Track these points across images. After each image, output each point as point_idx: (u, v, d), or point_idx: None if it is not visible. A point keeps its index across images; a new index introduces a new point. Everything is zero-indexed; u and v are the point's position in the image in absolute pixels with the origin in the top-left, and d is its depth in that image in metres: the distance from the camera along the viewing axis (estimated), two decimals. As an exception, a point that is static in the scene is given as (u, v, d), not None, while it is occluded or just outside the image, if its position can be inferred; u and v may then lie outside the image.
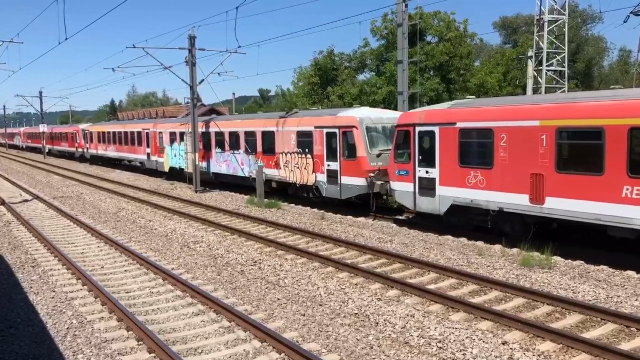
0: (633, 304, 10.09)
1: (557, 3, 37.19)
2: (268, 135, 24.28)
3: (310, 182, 21.72)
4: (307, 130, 21.84)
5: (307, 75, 48.08)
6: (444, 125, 15.88)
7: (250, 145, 25.57)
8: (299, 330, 9.39)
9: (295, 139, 22.43)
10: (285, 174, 23.21)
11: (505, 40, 64.15)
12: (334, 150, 20.63)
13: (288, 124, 23.09)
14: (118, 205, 24.06)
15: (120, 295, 11.43)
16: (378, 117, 20.55)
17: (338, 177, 20.40)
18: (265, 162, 24.27)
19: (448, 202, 15.96)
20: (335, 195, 20.70)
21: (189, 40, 27.85)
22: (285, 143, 23.08)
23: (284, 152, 23.16)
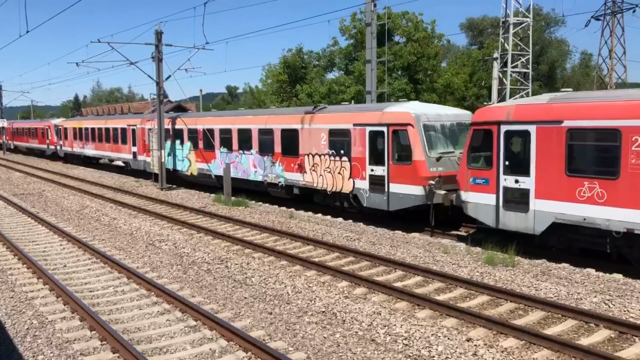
0: (592, 301, 10.37)
1: (522, 6, 37.93)
2: (289, 133, 21.02)
3: (346, 190, 18.59)
4: (342, 129, 18.72)
5: (276, 73, 47.92)
6: (544, 123, 12.93)
7: (266, 145, 22.30)
8: (266, 328, 9.36)
9: (327, 138, 19.30)
10: (312, 180, 20.01)
11: (472, 41, 65.11)
12: (379, 153, 17.49)
13: (317, 120, 19.88)
14: (82, 202, 23.57)
15: (84, 295, 11.20)
16: (435, 114, 17.54)
17: (385, 185, 17.16)
18: (284, 165, 21.24)
19: (547, 219, 12.96)
20: (381, 206, 17.48)
21: (156, 36, 27.48)
22: (312, 143, 19.90)
23: (311, 154, 19.99)
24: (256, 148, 22.78)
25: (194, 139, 26.98)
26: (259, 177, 22.67)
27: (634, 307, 9.95)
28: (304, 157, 20.34)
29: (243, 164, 23.70)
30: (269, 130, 22.14)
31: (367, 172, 17.85)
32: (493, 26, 55.91)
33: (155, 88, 28.14)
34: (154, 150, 29.41)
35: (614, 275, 12.00)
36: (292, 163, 20.87)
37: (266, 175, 22.26)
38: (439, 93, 41.94)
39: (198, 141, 26.62)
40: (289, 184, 21.19)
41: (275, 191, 22.16)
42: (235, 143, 24.07)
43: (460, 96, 44.18)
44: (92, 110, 62.33)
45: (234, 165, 24.00)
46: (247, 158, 23.35)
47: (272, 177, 21.87)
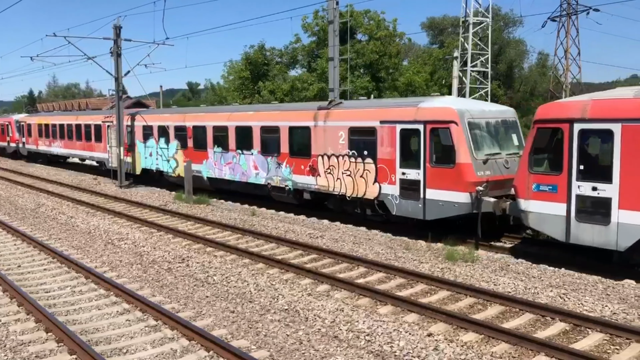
0: (549, 295, 10.65)
1: (481, 6, 38.61)
2: (300, 131, 19.03)
3: (370, 195, 16.57)
4: (366, 127, 16.63)
5: (238, 69, 47.54)
6: (633, 121, 11.21)
7: (270, 144, 20.16)
8: (228, 327, 9.29)
9: (347, 137, 17.21)
10: (327, 183, 17.93)
11: (433, 40, 65.91)
12: (413, 154, 15.63)
13: (333, 117, 17.80)
14: (37, 201, 22.92)
15: (39, 296, 10.90)
16: (480, 110, 15.63)
17: (420, 190, 15.15)
18: (292, 167, 19.15)
19: (635, 233, 11.28)
20: (414, 215, 15.47)
21: (114, 30, 26.90)
22: (328, 142, 17.85)
23: (326, 155, 17.91)
24: (258, 148, 20.61)
25: (181, 137, 24.74)
26: (261, 179, 20.55)
27: (587, 300, 10.27)
28: (317, 158, 18.24)
29: (242, 166, 21.45)
30: (274, 128, 19.93)
31: (397, 176, 15.80)
32: (453, 26, 56.74)
33: (114, 84, 27.55)
34: (112, 147, 28.77)
35: (569, 270, 12.35)
36: (303, 165, 18.79)
37: (270, 178, 20.12)
38: (401, 91, 42.34)
39: (187, 140, 24.36)
40: (298, 188, 19.13)
41: (280, 196, 20.13)
42: (233, 142, 21.88)
43: (422, 94, 44.73)
44: (48, 106, 60.67)
45: (230, 166, 22.00)
46: (247, 159, 21.13)
47: (278, 180, 19.80)
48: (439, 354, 8.12)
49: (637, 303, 10.22)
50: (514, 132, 15.92)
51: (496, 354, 8.19)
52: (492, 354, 8.16)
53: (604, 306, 9.94)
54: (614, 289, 10.98)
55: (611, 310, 9.75)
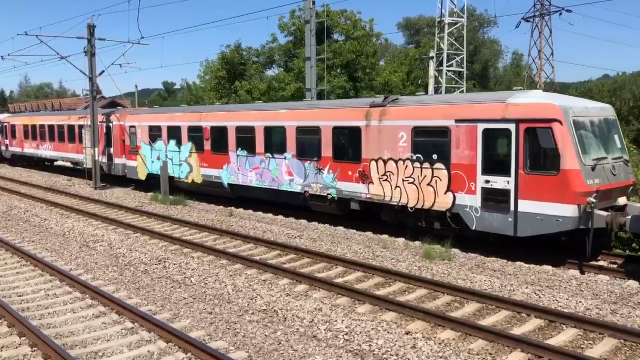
0: (524, 292, 10.80)
1: (456, 6, 38.98)
2: (347, 132, 16.77)
3: (441, 207, 14.29)
4: (436, 126, 14.39)
5: (214, 69, 47.26)
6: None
7: (309, 147, 17.87)
8: (206, 328, 9.23)
9: (409, 138, 14.91)
10: (382, 192, 15.56)
11: (409, 40, 66.46)
12: (500, 158, 13.46)
13: (391, 115, 15.42)
14: (9, 203, 22.48)
15: (12, 299, 10.69)
16: (582, 107, 13.48)
17: (510, 201, 12.87)
18: (337, 173, 16.77)
19: None
20: (502, 230, 13.15)
21: (88, 30, 26.56)
22: (384, 145, 15.48)
23: (381, 159, 15.55)
24: (293, 151, 18.13)
25: (196, 139, 22.11)
26: (296, 187, 18.12)
27: (562, 296, 10.44)
28: (369, 162, 15.91)
29: (272, 171, 18.94)
30: (313, 128, 17.51)
31: (478, 184, 13.54)
32: (429, 26, 57.22)
33: (88, 84, 27.18)
34: (87, 147, 28.34)
35: (544, 266, 12.54)
36: (350, 170, 16.44)
37: (308, 185, 17.72)
38: (378, 91, 42.51)
39: (203, 142, 21.72)
40: (343, 197, 16.77)
41: (320, 205, 17.77)
42: (261, 144, 19.30)
43: (399, 94, 45.01)
44: (20, 107, 59.56)
45: (257, 172, 19.48)
46: (279, 163, 18.64)
47: (317, 188, 17.41)
48: (417, 352, 8.17)
49: (610, 298, 10.43)
50: (615, 132, 13.99)
51: (473, 350, 8.28)
52: (469, 351, 8.25)
53: (577, 302, 10.11)
54: (588, 285, 11.18)
55: (585, 306, 9.93)
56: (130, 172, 26.27)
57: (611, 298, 10.45)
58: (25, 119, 38.72)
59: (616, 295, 10.57)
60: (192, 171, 22.51)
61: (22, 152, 38.55)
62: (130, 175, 26.34)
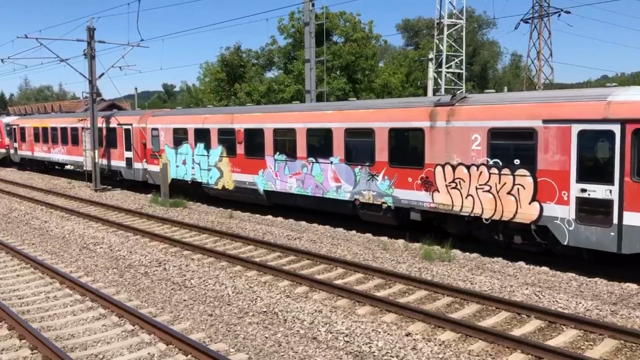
0: (524, 293, 10.80)
1: (455, 8, 39.03)
2: (407, 134, 15.45)
3: (524, 218, 12.78)
4: (519, 127, 12.81)
5: (214, 71, 47.31)
6: None
7: (360, 150, 16.45)
8: (206, 330, 9.24)
9: (484, 141, 13.37)
10: (450, 201, 14.11)
11: (408, 42, 66.52)
12: (600, 164, 11.90)
13: (462, 116, 13.90)
14: (9, 205, 22.49)
15: (12, 302, 10.69)
16: None
17: (613, 213, 11.39)
18: (394, 180, 15.32)
19: None
20: (602, 246, 11.69)
21: (88, 32, 26.60)
22: (452, 148, 14.02)
23: (449, 164, 14.04)
24: (340, 155, 16.73)
25: (228, 142, 20.79)
26: (345, 194, 16.66)
27: (562, 297, 10.44)
28: (433, 168, 14.42)
29: (315, 177, 17.53)
30: (365, 130, 16.10)
31: (571, 193, 12.03)
32: (428, 27, 57.27)
33: (88, 86, 27.20)
34: (87, 150, 28.31)
35: (543, 267, 12.54)
36: (410, 177, 14.96)
37: (358, 192, 16.28)
38: (377, 93, 42.58)
39: (236, 145, 20.39)
40: (401, 206, 15.29)
41: (373, 215, 16.28)
42: (303, 148, 17.92)
43: (398, 96, 45.04)
44: (20, 109, 59.63)
45: (298, 178, 18.11)
46: (324, 169, 17.21)
47: (370, 196, 15.98)
48: (417, 353, 8.18)
49: (610, 299, 10.43)
50: None
51: (473, 352, 8.28)
52: (469, 352, 8.25)
53: (578, 303, 10.12)
54: (587, 286, 11.18)
55: (585, 307, 9.93)
56: (153, 177, 24.80)
57: (611, 299, 10.45)
58: (36, 121, 37.16)
59: (616, 296, 10.57)
60: (222, 177, 21.16)
61: (33, 155, 37.08)
62: (152, 181, 24.89)
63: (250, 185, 19.88)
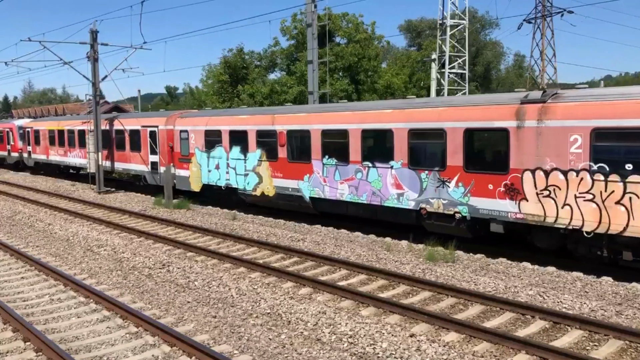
0: (528, 293, 10.77)
1: (458, 8, 38.98)
2: (487, 136, 14.06)
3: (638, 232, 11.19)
4: (631, 127, 11.18)
5: (217, 73, 47.35)
6: None
7: (427, 153, 15.09)
8: (210, 332, 9.24)
9: (586, 143, 11.76)
10: (541, 211, 12.44)
11: (411, 43, 66.43)
12: None
13: (558, 114, 12.23)
14: (13, 208, 22.55)
15: (17, 304, 10.71)
16: None
17: None
18: (470, 186, 13.69)
19: None
20: None
21: (91, 35, 26.67)
22: (545, 151, 12.35)
23: (541, 169, 12.40)
24: (403, 158, 15.12)
25: (268, 145, 19.33)
26: (408, 203, 15.03)
27: (566, 298, 10.41)
28: (520, 173, 12.76)
29: (372, 183, 15.93)
30: (435, 131, 14.51)
31: None
32: (431, 28, 57.22)
33: (91, 89, 27.27)
34: (90, 152, 28.36)
35: (548, 268, 12.51)
36: (491, 183, 13.31)
37: (425, 201, 14.67)
38: (380, 94, 42.53)
39: (277, 148, 18.94)
40: (479, 217, 13.68)
41: (443, 226, 14.64)
42: (357, 151, 16.35)
43: (401, 97, 45.00)
44: (24, 112, 59.78)
45: (350, 184, 16.48)
46: (383, 174, 15.62)
47: (439, 205, 14.38)
48: (422, 355, 8.16)
49: (615, 300, 10.39)
50: None
51: (478, 353, 8.26)
52: (473, 353, 8.23)
53: (582, 303, 10.09)
54: (592, 287, 11.15)
55: (590, 307, 9.90)
56: (181, 182, 23.38)
57: (616, 299, 10.41)
58: (53, 123, 35.60)
59: (621, 297, 10.53)
60: (261, 182, 19.65)
61: (48, 159, 35.38)
62: (181, 186, 23.44)
63: (294, 192, 18.40)
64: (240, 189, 20.61)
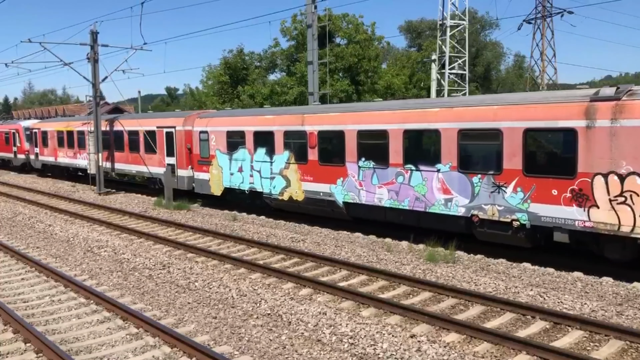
0: (529, 294, 10.77)
1: (458, 9, 39.01)
2: (551, 136, 12.88)
3: None
4: None
5: (217, 74, 47.37)
6: None
7: (480, 155, 14.01)
8: (211, 333, 9.24)
9: None
10: (616, 220, 11.37)
11: (411, 43, 66.42)
12: None
13: (633, 112, 11.18)
14: (14, 209, 22.55)
15: (17, 306, 10.72)
16: None
17: None
18: (530, 191, 12.59)
19: None
20: None
21: (91, 36, 26.69)
22: (620, 153, 11.23)
23: (615, 173, 11.35)
24: (452, 161, 14.05)
25: (297, 146, 18.37)
26: (458, 209, 13.98)
27: (567, 298, 10.40)
28: (590, 178, 11.66)
29: (415, 188, 14.85)
30: (490, 131, 13.36)
31: None
32: (431, 29, 57.24)
33: (92, 90, 27.28)
34: (91, 153, 28.35)
35: (548, 268, 12.50)
36: (555, 188, 12.23)
37: (477, 207, 13.58)
38: (380, 94, 42.53)
39: (307, 150, 17.91)
40: (540, 225, 12.58)
41: (498, 235, 13.56)
42: (398, 153, 15.24)
43: (401, 97, 44.98)
44: (24, 113, 59.81)
45: (390, 188, 15.42)
46: (428, 178, 14.55)
47: (494, 211, 13.28)
48: (422, 355, 8.16)
49: (615, 300, 10.39)
50: None
51: (478, 353, 8.25)
52: (474, 354, 8.23)
53: (583, 304, 10.08)
54: (593, 287, 11.14)
55: (590, 308, 9.89)
56: (200, 186, 22.46)
57: (616, 300, 10.41)
58: (61, 124, 34.36)
59: (622, 297, 10.53)
60: (289, 186, 18.64)
61: (56, 162, 34.33)
62: (200, 190, 22.56)
63: (326, 196, 17.31)
64: (265, 193, 19.64)
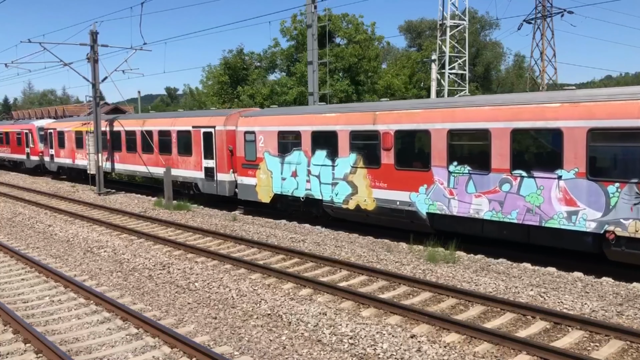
0: (529, 294, 10.76)
1: (458, 9, 39.01)
2: None
3: None
4: None
5: (217, 74, 47.37)
6: None
7: (616, 159, 11.91)
8: (211, 333, 9.23)
9: None
10: None
11: (411, 43, 66.41)
12: None
13: None
14: (13, 209, 22.54)
15: (17, 306, 10.71)
16: None
17: None
18: None
19: None
20: None
21: (91, 36, 26.67)
22: None
23: None
24: (578, 166, 11.94)
25: (367, 148, 16.37)
26: (586, 224, 11.89)
27: (567, 298, 10.40)
28: None
29: (526, 198, 12.80)
30: (632, 131, 11.21)
31: None
32: (431, 29, 57.25)
33: (91, 90, 27.27)
34: (90, 154, 28.32)
35: (549, 268, 12.50)
36: None
37: (614, 222, 11.48)
38: (380, 94, 42.53)
39: (380, 153, 15.86)
40: None
41: None
42: (503, 156, 13.16)
43: (401, 97, 44.96)
44: (24, 113, 59.81)
45: (492, 198, 13.39)
46: (544, 186, 12.47)
47: (637, 228, 11.32)
48: (422, 355, 8.15)
49: (615, 300, 10.38)
50: None
51: (478, 353, 8.25)
52: (474, 354, 8.22)
53: (583, 304, 10.08)
54: (593, 287, 11.14)
55: (590, 308, 9.89)
56: (245, 192, 20.54)
57: (617, 300, 10.40)
58: (78, 124, 32.17)
59: (622, 297, 10.52)
60: (356, 193, 16.66)
61: (74, 164, 32.35)
62: (245, 196, 20.69)
63: (404, 206, 15.33)
64: (325, 200, 17.65)
